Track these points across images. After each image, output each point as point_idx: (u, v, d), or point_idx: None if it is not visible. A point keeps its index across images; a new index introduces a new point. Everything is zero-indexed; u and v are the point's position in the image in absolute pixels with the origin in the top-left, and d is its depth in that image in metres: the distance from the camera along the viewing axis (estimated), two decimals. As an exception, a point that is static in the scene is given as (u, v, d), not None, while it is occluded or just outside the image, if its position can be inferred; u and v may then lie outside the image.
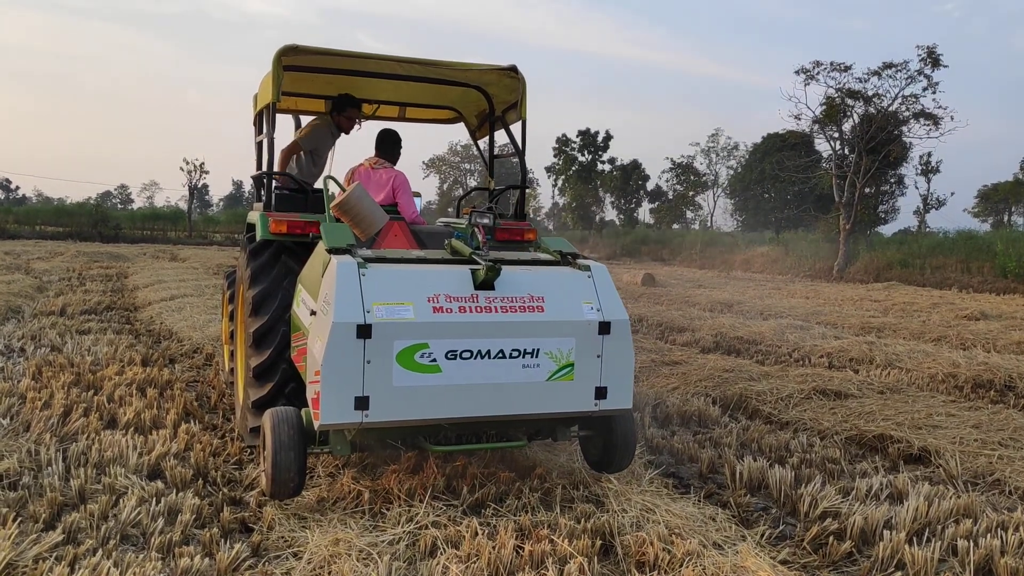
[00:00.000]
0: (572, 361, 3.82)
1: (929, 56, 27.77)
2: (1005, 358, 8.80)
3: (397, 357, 3.53)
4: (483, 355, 3.67)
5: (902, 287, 22.01)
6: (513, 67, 5.07)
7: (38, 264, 20.51)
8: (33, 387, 6.01)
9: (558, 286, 3.92)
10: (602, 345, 3.86)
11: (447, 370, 3.62)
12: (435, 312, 3.62)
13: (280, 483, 3.68)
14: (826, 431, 5.85)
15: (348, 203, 4.52)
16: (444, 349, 3.61)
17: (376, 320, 3.49)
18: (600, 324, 3.85)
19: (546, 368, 3.78)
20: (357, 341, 3.46)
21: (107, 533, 3.48)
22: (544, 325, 3.77)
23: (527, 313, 3.77)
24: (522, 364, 3.74)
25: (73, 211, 47.05)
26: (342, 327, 3.44)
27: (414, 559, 3.39)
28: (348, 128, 5.99)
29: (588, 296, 3.92)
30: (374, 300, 3.54)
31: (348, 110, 5.85)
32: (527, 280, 3.88)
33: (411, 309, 3.59)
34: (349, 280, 3.56)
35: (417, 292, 3.65)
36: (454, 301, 3.68)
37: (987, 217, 59.19)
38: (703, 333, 10.89)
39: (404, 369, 3.55)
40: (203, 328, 9.59)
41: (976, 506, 4.23)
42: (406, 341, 3.54)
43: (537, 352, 3.76)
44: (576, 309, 3.86)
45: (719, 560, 3.36)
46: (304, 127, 6.07)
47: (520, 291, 3.81)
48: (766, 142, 47.29)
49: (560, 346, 3.80)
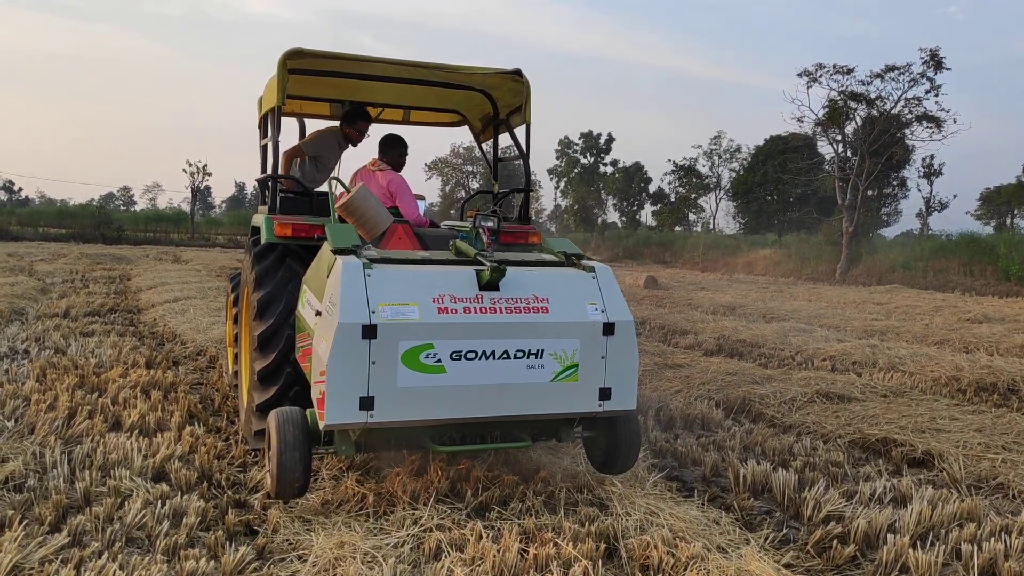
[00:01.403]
0: (576, 362, 3.83)
1: (932, 59, 27.81)
2: (1008, 361, 8.79)
3: (402, 358, 3.53)
4: (488, 356, 3.67)
5: (905, 290, 22.00)
6: (517, 70, 5.09)
7: (41, 266, 20.56)
8: (37, 389, 6.03)
9: (562, 287, 3.93)
10: (606, 346, 3.87)
11: (452, 371, 3.62)
12: (440, 313, 3.62)
13: (285, 483, 3.69)
14: (829, 434, 5.85)
15: (353, 204, 4.53)
16: (449, 350, 3.61)
17: (381, 321, 3.50)
18: (604, 325, 3.86)
19: (550, 369, 3.79)
20: (362, 342, 3.46)
21: (112, 536, 3.49)
22: (549, 326, 3.78)
23: (532, 314, 3.78)
24: (527, 365, 3.75)
25: (76, 213, 47.18)
26: (347, 328, 3.45)
27: (418, 562, 3.40)
28: (356, 141, 5.98)
29: (592, 297, 3.93)
30: (379, 301, 3.54)
31: (358, 123, 5.83)
32: (531, 281, 3.89)
33: (416, 310, 3.60)
34: (355, 280, 3.56)
35: (422, 293, 3.66)
36: (459, 302, 3.69)
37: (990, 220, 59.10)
38: (706, 336, 10.89)
39: (409, 370, 3.55)
40: (207, 330, 9.61)
41: (980, 510, 4.23)
42: (411, 342, 3.55)
43: (541, 353, 3.77)
44: (580, 310, 3.87)
45: (723, 564, 3.36)
46: (310, 134, 6.07)
47: (525, 292, 3.83)
48: (768, 144, 47.26)
49: (564, 347, 3.81)
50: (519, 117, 5.40)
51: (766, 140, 48.20)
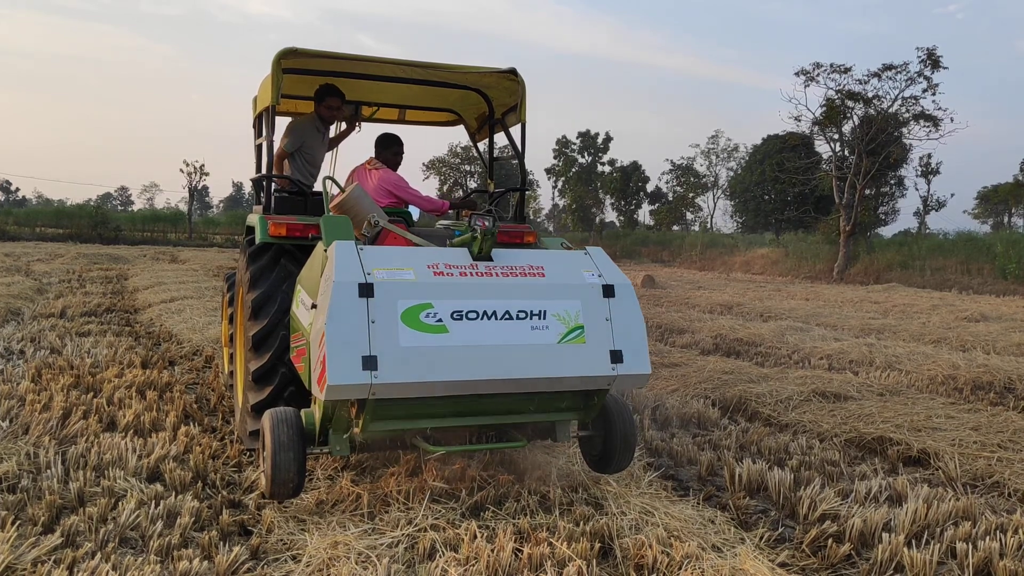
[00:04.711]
0: (581, 324, 3.74)
1: (929, 58, 27.80)
2: (1005, 360, 8.80)
3: (402, 316, 3.46)
4: (489, 316, 3.60)
5: (902, 289, 22.01)
6: (512, 70, 5.08)
7: (38, 266, 20.52)
8: (32, 389, 6.01)
9: (556, 260, 3.94)
10: (609, 308, 3.80)
11: (454, 331, 3.54)
12: (436, 275, 3.62)
13: (279, 484, 3.68)
14: (825, 433, 5.85)
15: (347, 203, 4.53)
16: (449, 309, 3.55)
17: (377, 280, 3.47)
18: (604, 287, 3.83)
19: (555, 331, 3.69)
20: (360, 300, 3.41)
21: (106, 536, 3.48)
22: (547, 287, 3.75)
23: (529, 277, 3.77)
24: (531, 326, 3.66)
25: (73, 213, 47.05)
26: (344, 286, 3.41)
27: (413, 562, 3.39)
28: (331, 119, 5.80)
29: (588, 267, 3.94)
30: (374, 267, 3.54)
31: (327, 99, 5.62)
32: (525, 255, 3.93)
33: (411, 273, 3.59)
34: (348, 254, 3.56)
35: (417, 262, 3.66)
36: (454, 268, 3.70)
37: (987, 219, 59.29)
38: (703, 335, 10.90)
39: (410, 329, 3.46)
40: (203, 330, 9.59)
41: (975, 508, 4.23)
42: (410, 301, 3.49)
43: (544, 314, 3.69)
44: (577, 276, 3.87)
45: (718, 563, 3.36)
46: (285, 130, 5.86)
47: (519, 261, 3.85)
48: (766, 144, 47.30)
49: (567, 308, 3.73)
50: (515, 116, 5.40)
51: (764, 139, 48.29)
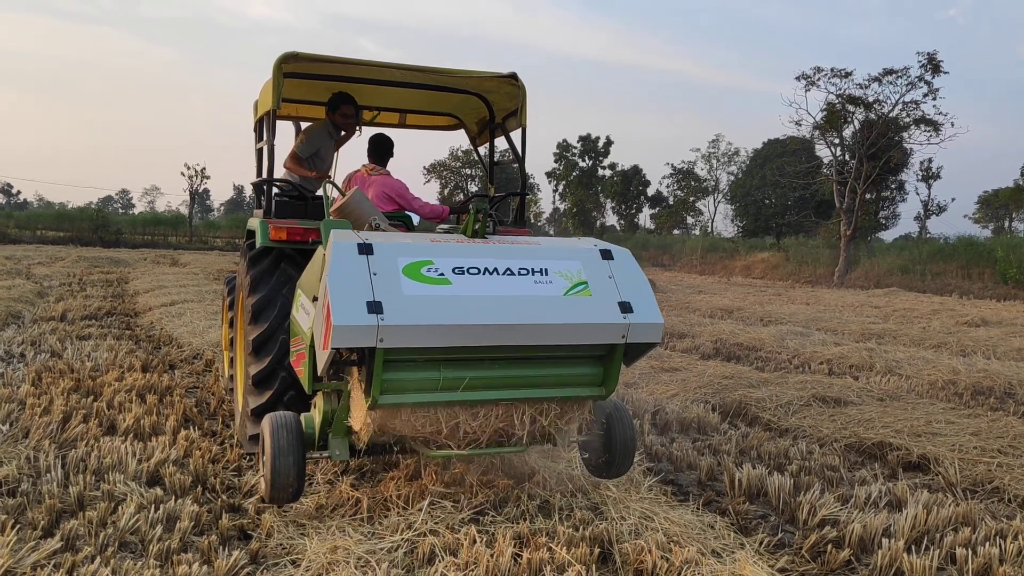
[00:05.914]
0: (585, 280, 3.72)
1: (930, 62, 27.82)
2: (1005, 365, 8.79)
3: (404, 270, 3.46)
4: (491, 272, 3.60)
5: (902, 293, 21.99)
6: (513, 74, 5.09)
7: (39, 269, 20.52)
8: (33, 393, 6.02)
9: (550, 243, 4.03)
10: (610, 268, 3.81)
11: (457, 283, 3.52)
12: (434, 243, 3.67)
13: (279, 488, 3.68)
14: (825, 438, 5.84)
15: (348, 207, 4.54)
16: (450, 265, 3.55)
17: (376, 241, 3.50)
18: (602, 251, 3.86)
19: (559, 285, 3.67)
20: (360, 257, 3.41)
21: (105, 540, 3.48)
22: (545, 251, 3.79)
23: (526, 246, 3.84)
24: (534, 280, 3.65)
25: (74, 216, 47.06)
26: (343, 246, 3.42)
27: (412, 567, 3.39)
28: (346, 126, 5.88)
29: (583, 243, 4.02)
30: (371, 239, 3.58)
31: (343, 107, 5.72)
32: (519, 239, 4.06)
33: (409, 239, 3.70)
34: (345, 233, 3.61)
35: (413, 237, 3.79)
36: (452, 241, 3.80)
37: (988, 223, 59.26)
38: (703, 339, 10.90)
39: (413, 280, 3.45)
40: (203, 334, 9.59)
41: (975, 514, 4.23)
42: (410, 258, 3.50)
43: (546, 271, 3.69)
44: (573, 244, 3.96)
45: (717, 568, 3.36)
46: (301, 134, 6.02)
47: (515, 239, 4.02)
48: (767, 148, 47.36)
49: (568, 267, 3.74)
50: (515, 121, 5.40)
51: (764, 143, 48.38)
